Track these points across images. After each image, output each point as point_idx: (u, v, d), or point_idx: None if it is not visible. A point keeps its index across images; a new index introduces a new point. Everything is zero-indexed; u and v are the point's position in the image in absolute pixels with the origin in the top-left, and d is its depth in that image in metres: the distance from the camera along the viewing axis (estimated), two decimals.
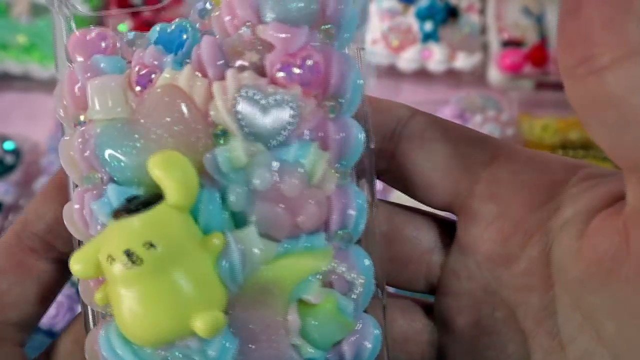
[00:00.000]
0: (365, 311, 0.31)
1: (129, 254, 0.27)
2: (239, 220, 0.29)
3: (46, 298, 0.35)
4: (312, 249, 0.29)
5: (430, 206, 0.35)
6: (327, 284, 0.29)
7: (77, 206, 0.30)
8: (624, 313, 0.28)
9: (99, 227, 0.29)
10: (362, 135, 0.30)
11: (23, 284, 0.34)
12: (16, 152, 0.90)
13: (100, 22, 0.34)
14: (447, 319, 0.35)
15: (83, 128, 0.30)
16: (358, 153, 0.30)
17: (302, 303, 0.29)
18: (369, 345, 0.30)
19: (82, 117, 0.30)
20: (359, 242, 0.31)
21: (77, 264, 0.28)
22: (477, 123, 0.90)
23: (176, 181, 0.27)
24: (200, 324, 0.27)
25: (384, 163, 0.34)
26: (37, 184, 0.87)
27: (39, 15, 0.95)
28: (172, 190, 0.27)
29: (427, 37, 1.00)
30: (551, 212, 0.31)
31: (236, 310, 0.28)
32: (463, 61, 0.99)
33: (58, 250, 0.34)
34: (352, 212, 0.30)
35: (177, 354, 0.28)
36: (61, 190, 0.33)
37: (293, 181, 0.28)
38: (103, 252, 0.27)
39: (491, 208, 0.33)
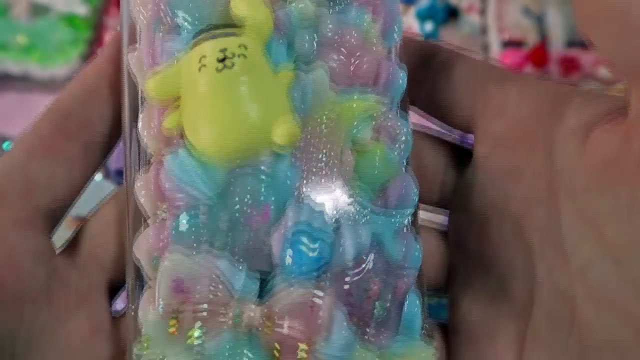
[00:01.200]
0: None
1: (224, 54, 0.30)
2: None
3: (76, 186, 0.35)
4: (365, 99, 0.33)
5: (453, 127, 0.38)
6: (376, 135, 0.33)
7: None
8: (624, 215, 0.29)
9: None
10: (401, 21, 0.35)
11: (53, 168, 0.34)
12: None
13: (100, 22, 0.34)
14: (459, 237, 0.37)
15: None
16: (400, 32, 0.35)
17: (355, 146, 0.32)
18: (411, 190, 0.34)
19: None
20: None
21: (152, 83, 0.31)
22: None
23: (259, 14, 0.31)
24: (279, 130, 0.30)
25: (416, 93, 0.37)
26: None
27: (38, 16, 0.94)
28: (254, 22, 0.30)
29: (428, 37, 1.00)
30: (556, 121, 0.33)
31: (300, 143, 0.31)
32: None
33: (91, 132, 0.34)
34: (396, 76, 0.34)
35: (248, 170, 0.30)
36: (97, 71, 0.35)
37: (352, 34, 0.33)
38: (193, 57, 0.30)
39: (500, 124, 0.35)
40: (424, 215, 0.37)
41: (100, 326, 0.35)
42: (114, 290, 0.37)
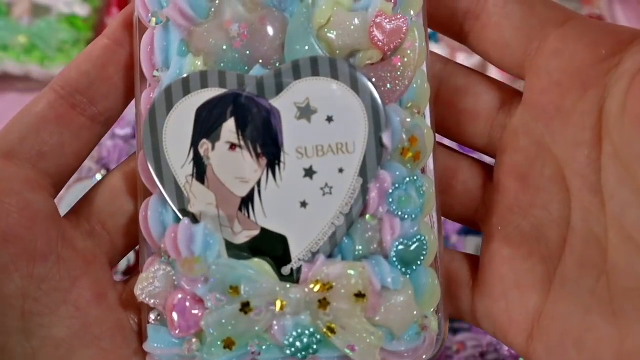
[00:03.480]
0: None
1: None
2: None
3: (80, 154, 0.37)
4: None
5: (505, 67, 0.37)
6: None
7: None
8: None
9: None
10: None
11: (62, 136, 0.35)
12: None
13: (101, 22, 0.35)
14: (501, 177, 0.37)
15: None
16: None
17: None
18: None
19: None
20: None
21: None
22: None
23: None
24: None
25: (470, 24, 0.37)
26: None
27: (39, 16, 0.95)
28: None
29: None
30: (611, 66, 0.33)
31: None
32: (463, 61, 0.99)
33: (97, 107, 0.36)
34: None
35: None
36: (104, 49, 0.36)
37: None
38: None
39: (555, 63, 0.35)
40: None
41: (104, 291, 0.36)
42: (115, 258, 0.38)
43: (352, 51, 0.35)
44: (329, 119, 0.34)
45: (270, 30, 0.34)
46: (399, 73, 0.34)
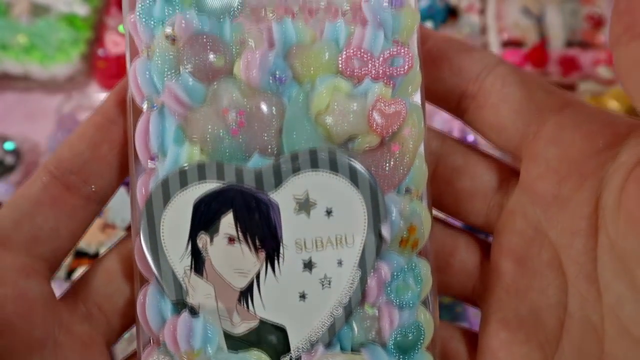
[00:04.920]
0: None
1: None
2: None
3: (76, 234, 0.36)
4: None
5: (500, 148, 0.38)
6: None
7: None
8: None
9: None
10: None
11: (57, 219, 0.35)
12: (16, 152, 0.90)
13: (100, 22, 0.34)
14: (498, 258, 0.37)
15: None
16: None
17: None
18: None
19: None
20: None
21: None
22: None
23: None
24: None
25: (466, 103, 0.37)
26: None
27: (39, 16, 0.94)
28: None
29: None
30: (608, 159, 0.33)
31: None
32: None
33: (91, 186, 0.36)
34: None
35: None
36: (98, 129, 0.36)
37: None
38: None
39: (553, 150, 0.35)
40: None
41: None
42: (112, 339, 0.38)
43: (351, 136, 0.34)
44: (328, 212, 0.33)
45: (268, 118, 0.34)
46: (397, 160, 0.34)
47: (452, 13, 1.02)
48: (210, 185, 0.33)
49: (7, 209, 0.35)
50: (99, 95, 0.92)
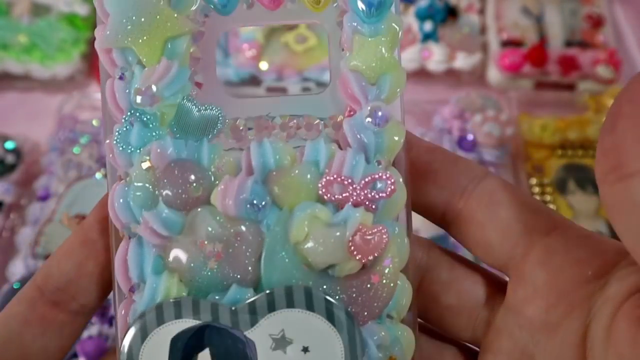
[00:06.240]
0: None
1: None
2: None
3: (65, 349, 0.37)
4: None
5: (487, 264, 0.37)
6: None
7: None
8: None
9: None
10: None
11: (45, 336, 0.36)
12: (17, 152, 0.90)
13: (100, 22, 0.34)
14: None
15: None
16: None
17: None
18: None
19: None
20: None
21: None
22: (476, 123, 0.90)
23: None
24: None
25: (452, 217, 0.36)
26: (38, 184, 0.87)
27: (39, 15, 0.95)
28: None
29: (427, 37, 1.00)
30: (597, 289, 0.32)
31: None
32: (463, 61, 0.99)
33: (79, 302, 0.36)
34: None
35: None
36: (83, 245, 0.36)
37: None
38: None
39: (541, 275, 0.34)
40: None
41: None
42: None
43: (331, 265, 0.34)
44: (305, 350, 0.33)
45: (246, 247, 0.34)
46: (378, 292, 0.34)
47: (451, 13, 1.02)
48: (186, 324, 0.33)
49: None
50: (100, 95, 0.92)
